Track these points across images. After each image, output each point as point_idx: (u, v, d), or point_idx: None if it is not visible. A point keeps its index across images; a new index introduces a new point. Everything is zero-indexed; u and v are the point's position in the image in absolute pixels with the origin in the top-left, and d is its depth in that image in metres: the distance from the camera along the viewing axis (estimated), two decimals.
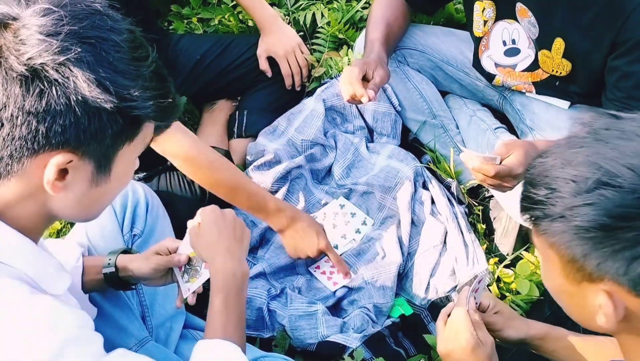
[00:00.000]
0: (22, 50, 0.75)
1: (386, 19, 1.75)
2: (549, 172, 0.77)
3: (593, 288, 0.76)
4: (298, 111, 1.86)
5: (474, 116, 1.91)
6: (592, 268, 0.74)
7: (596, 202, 0.71)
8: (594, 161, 0.73)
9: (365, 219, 1.76)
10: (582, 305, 0.80)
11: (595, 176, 0.72)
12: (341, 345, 1.49)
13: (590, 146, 0.75)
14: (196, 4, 2.19)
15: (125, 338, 1.26)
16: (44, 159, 0.79)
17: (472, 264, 1.64)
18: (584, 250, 0.73)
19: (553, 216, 0.75)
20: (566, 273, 0.78)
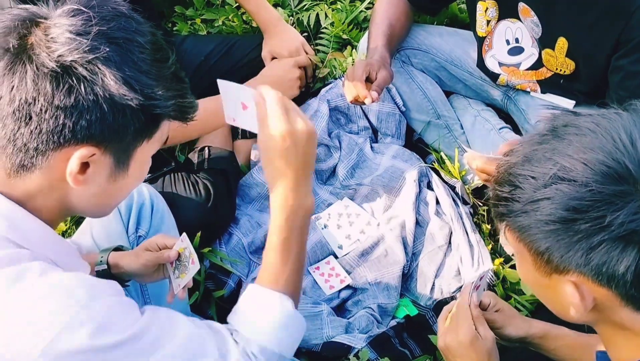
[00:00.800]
0: (53, 48, 0.78)
1: (389, 19, 1.75)
2: (512, 170, 0.79)
3: (562, 279, 0.78)
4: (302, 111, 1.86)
5: (478, 116, 1.90)
6: (558, 260, 0.76)
7: (553, 196, 0.74)
8: (550, 157, 0.76)
9: (370, 219, 1.76)
10: (556, 297, 0.82)
11: (552, 171, 0.75)
12: (346, 345, 1.49)
13: (549, 142, 0.78)
14: (200, 5, 2.20)
15: None
16: (68, 153, 0.82)
17: (478, 264, 1.64)
18: (547, 242, 0.76)
19: (517, 212, 0.78)
20: (537, 266, 0.80)
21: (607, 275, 0.73)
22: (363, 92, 1.54)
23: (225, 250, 1.67)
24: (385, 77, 1.61)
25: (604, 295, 0.76)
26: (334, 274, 1.69)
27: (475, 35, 1.74)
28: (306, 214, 0.99)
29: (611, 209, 0.71)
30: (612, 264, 0.72)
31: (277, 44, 1.91)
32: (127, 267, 1.22)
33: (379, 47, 1.70)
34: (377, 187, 1.77)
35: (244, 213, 1.76)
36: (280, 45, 1.91)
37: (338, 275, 1.69)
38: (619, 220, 0.70)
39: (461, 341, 1.08)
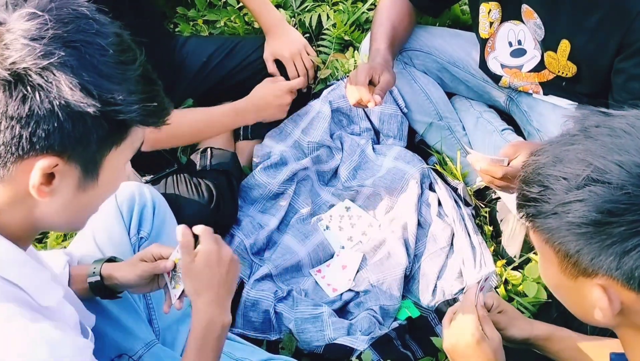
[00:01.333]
0: (5, 55, 0.75)
1: (391, 20, 1.75)
2: (542, 170, 0.78)
3: (589, 282, 0.77)
4: (304, 113, 1.86)
5: (480, 118, 1.90)
6: (586, 263, 0.75)
7: (586, 198, 0.73)
8: (583, 158, 0.74)
9: (372, 221, 1.76)
10: (580, 300, 0.81)
11: (585, 173, 0.73)
12: (349, 347, 1.49)
13: (580, 143, 0.76)
14: (202, 6, 2.20)
15: (133, 341, 1.26)
16: (30, 164, 0.79)
17: (480, 266, 1.64)
18: (577, 245, 0.75)
19: (546, 213, 0.77)
20: (562, 268, 0.79)
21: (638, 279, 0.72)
22: (366, 96, 1.54)
23: None
24: (388, 80, 1.60)
25: (632, 299, 0.75)
26: (336, 277, 1.69)
27: (477, 37, 1.74)
28: (223, 328, 1.08)
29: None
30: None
31: (279, 46, 1.91)
32: (122, 278, 1.19)
33: (382, 49, 1.69)
34: (379, 188, 1.77)
35: (246, 214, 1.76)
36: (282, 47, 1.91)
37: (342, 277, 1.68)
38: None
39: (468, 341, 1.07)
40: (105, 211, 1.34)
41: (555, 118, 1.72)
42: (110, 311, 1.27)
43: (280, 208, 1.77)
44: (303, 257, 1.71)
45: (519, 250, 1.71)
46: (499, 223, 1.77)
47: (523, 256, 1.68)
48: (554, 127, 1.71)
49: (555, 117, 1.72)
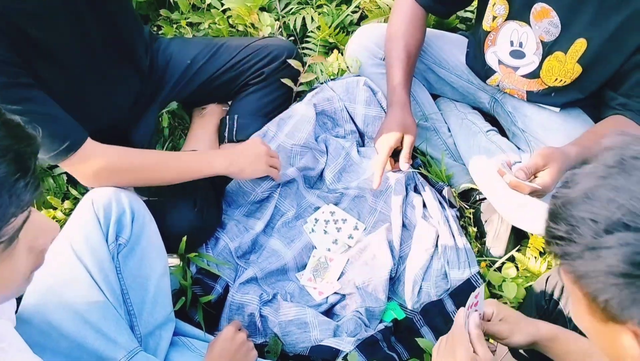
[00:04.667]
0: None
1: (405, 39, 1.72)
2: (570, 208, 0.71)
3: (619, 328, 0.71)
4: (288, 116, 1.86)
5: (465, 119, 1.91)
6: (617, 312, 0.70)
7: (614, 246, 0.66)
8: (614, 198, 0.67)
9: (357, 224, 1.76)
10: (611, 344, 0.75)
11: (615, 216, 0.67)
12: (334, 348, 1.49)
13: (614, 178, 0.69)
14: (185, 9, 2.19)
15: (115, 349, 1.25)
16: None
17: (464, 267, 1.64)
18: (607, 295, 0.69)
19: (573, 255, 0.71)
20: (592, 310, 0.74)
21: None
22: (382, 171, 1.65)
23: (212, 255, 1.66)
24: (410, 142, 1.65)
25: None
26: (322, 280, 1.68)
27: (478, 29, 1.72)
28: None
29: None
30: None
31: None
32: None
33: (397, 88, 1.69)
34: (363, 191, 1.77)
35: (231, 217, 1.75)
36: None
37: (327, 281, 1.68)
38: None
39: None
40: (82, 218, 1.34)
41: (540, 119, 1.73)
42: (90, 319, 1.25)
43: (266, 211, 1.77)
44: (288, 260, 1.70)
45: (504, 250, 1.72)
46: (483, 224, 1.77)
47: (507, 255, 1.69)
48: (538, 128, 1.72)
49: (540, 117, 1.73)
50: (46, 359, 1.00)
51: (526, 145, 1.74)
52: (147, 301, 1.35)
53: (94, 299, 1.26)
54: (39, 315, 1.25)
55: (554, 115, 1.71)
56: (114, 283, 1.31)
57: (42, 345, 1.23)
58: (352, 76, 1.90)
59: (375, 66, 1.90)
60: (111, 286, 1.30)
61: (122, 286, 1.33)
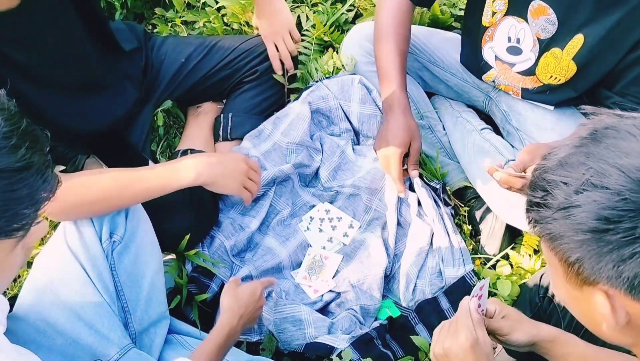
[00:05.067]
0: None
1: (395, 40, 1.70)
2: (545, 175, 0.76)
3: (593, 290, 0.74)
4: (284, 115, 1.86)
5: (459, 117, 1.91)
6: (588, 271, 0.72)
7: (584, 204, 0.70)
8: (584, 162, 0.72)
9: (352, 222, 1.76)
10: (587, 310, 0.78)
11: (584, 177, 0.70)
12: (329, 345, 1.49)
13: (586, 146, 0.73)
14: (180, 7, 2.18)
15: (107, 345, 1.25)
16: None
17: (459, 265, 1.65)
18: (577, 253, 0.72)
19: (547, 219, 0.74)
20: (568, 277, 0.76)
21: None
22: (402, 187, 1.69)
23: (207, 253, 1.66)
24: (417, 148, 1.66)
25: (638, 310, 0.72)
26: (317, 278, 1.68)
27: (474, 24, 1.71)
28: (234, 342, 1.35)
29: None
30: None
31: (264, 27, 1.91)
32: None
33: (397, 91, 1.66)
34: (359, 189, 1.77)
35: (226, 216, 1.75)
36: (265, 29, 1.90)
37: (322, 279, 1.68)
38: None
39: (462, 344, 1.05)
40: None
41: (534, 117, 1.73)
42: (84, 316, 1.26)
43: (261, 210, 1.77)
44: (284, 258, 1.71)
45: (499, 248, 1.72)
46: (477, 222, 1.78)
47: (501, 252, 1.70)
48: (533, 127, 1.73)
49: (534, 116, 1.73)
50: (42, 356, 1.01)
51: (520, 143, 1.74)
52: (142, 298, 1.35)
53: (88, 296, 1.27)
54: (34, 312, 1.26)
55: (548, 113, 1.72)
56: (107, 280, 1.31)
57: (38, 342, 1.23)
58: (347, 74, 1.90)
59: (370, 64, 1.90)
60: (105, 283, 1.31)
61: (116, 283, 1.33)
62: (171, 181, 1.43)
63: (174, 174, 1.44)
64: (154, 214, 1.47)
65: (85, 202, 1.34)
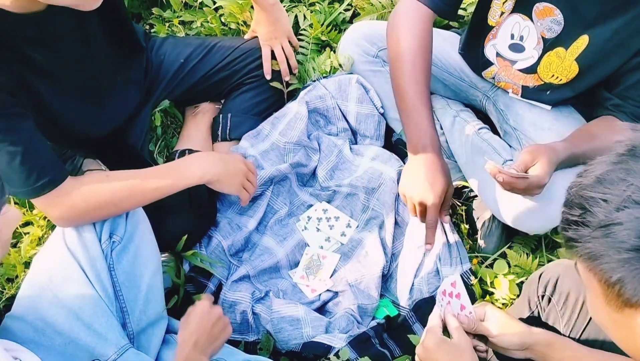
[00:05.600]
0: None
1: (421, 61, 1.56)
2: (583, 192, 0.74)
3: (634, 312, 0.72)
4: (282, 115, 1.86)
5: (457, 117, 1.91)
6: (631, 292, 0.70)
7: (625, 222, 0.68)
8: (624, 178, 0.70)
9: (349, 221, 1.77)
10: (629, 335, 0.75)
11: (625, 194, 0.69)
12: (326, 345, 1.49)
13: (625, 163, 0.72)
14: (177, 7, 2.19)
15: (105, 345, 1.26)
16: None
17: (456, 264, 1.65)
18: (619, 273, 0.70)
19: (586, 237, 0.72)
20: (607, 299, 0.74)
21: None
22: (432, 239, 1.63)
23: (205, 253, 1.66)
24: (451, 193, 1.56)
25: None
26: (314, 278, 1.69)
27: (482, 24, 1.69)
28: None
29: None
30: None
31: (262, 33, 1.92)
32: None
33: (429, 129, 1.52)
34: (356, 188, 1.78)
35: (224, 215, 1.75)
36: (264, 34, 1.91)
37: (320, 279, 1.69)
38: None
39: (426, 345, 1.12)
40: None
41: (531, 117, 1.73)
42: (82, 315, 1.26)
43: (258, 209, 1.77)
44: (281, 258, 1.71)
45: (496, 247, 1.73)
46: (475, 221, 1.78)
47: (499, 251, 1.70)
48: (530, 126, 1.73)
49: (531, 116, 1.74)
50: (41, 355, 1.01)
51: (517, 143, 1.75)
52: (140, 298, 1.36)
53: (87, 296, 1.27)
54: (33, 311, 1.26)
55: (546, 113, 1.72)
56: (105, 281, 1.32)
57: (37, 341, 1.24)
58: (344, 74, 1.91)
59: (367, 64, 1.90)
60: (103, 283, 1.31)
61: (114, 284, 1.34)
62: (179, 180, 1.46)
63: (181, 172, 1.47)
64: (153, 215, 1.48)
65: (94, 207, 1.35)
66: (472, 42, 1.77)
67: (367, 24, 1.95)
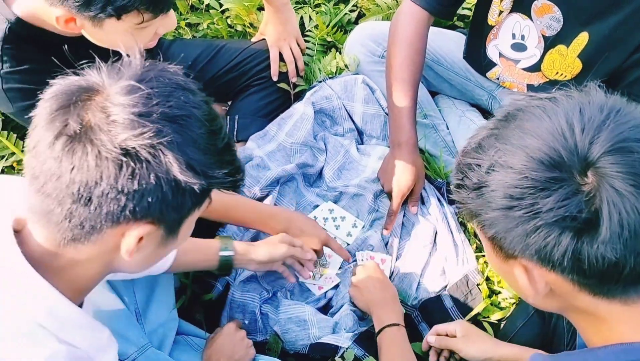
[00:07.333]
0: (114, 131, 0.75)
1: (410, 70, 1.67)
2: (464, 158, 0.80)
3: (514, 264, 0.79)
4: (288, 116, 1.87)
5: (463, 116, 1.92)
6: (506, 246, 0.77)
7: (492, 183, 0.75)
8: (493, 144, 0.76)
9: (356, 221, 1.77)
10: (515, 283, 0.82)
11: (493, 159, 0.75)
12: (333, 345, 1.50)
13: (498, 129, 0.78)
14: (184, 9, 2.20)
15: (126, 345, 1.28)
16: (124, 228, 0.81)
17: (462, 263, 1.66)
18: (492, 230, 0.77)
19: (465, 199, 0.79)
20: (494, 251, 0.81)
21: (548, 261, 0.74)
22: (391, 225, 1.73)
23: None
24: (419, 188, 1.71)
25: (556, 280, 0.76)
26: (322, 275, 1.70)
27: (478, 23, 1.71)
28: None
29: (541, 196, 0.71)
30: (548, 250, 0.73)
31: (271, 33, 1.94)
32: (256, 256, 1.46)
33: (407, 127, 1.66)
34: (363, 188, 1.78)
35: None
36: (272, 35, 1.93)
37: (326, 277, 1.69)
38: (548, 206, 0.70)
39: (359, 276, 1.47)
40: None
41: None
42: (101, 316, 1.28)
43: None
44: None
45: None
46: None
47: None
48: None
49: None
50: None
51: None
52: (152, 299, 1.37)
53: (106, 297, 1.29)
54: None
55: None
56: (120, 282, 1.33)
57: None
58: (350, 74, 1.91)
59: (373, 64, 1.91)
60: (120, 283, 1.33)
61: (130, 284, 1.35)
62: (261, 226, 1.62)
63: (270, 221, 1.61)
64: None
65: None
66: (474, 43, 1.77)
67: (373, 25, 1.96)
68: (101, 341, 0.94)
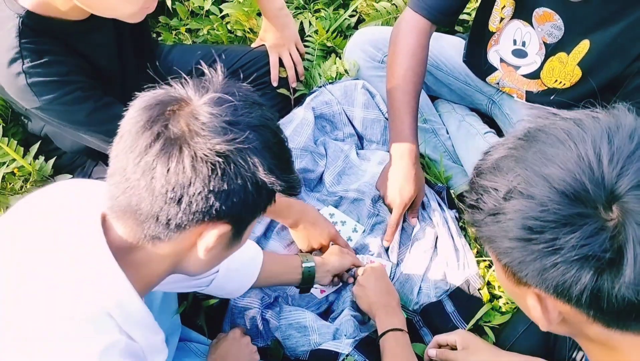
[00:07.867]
0: (209, 136, 0.82)
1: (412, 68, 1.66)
2: (480, 178, 0.77)
3: (526, 290, 0.76)
4: (289, 121, 1.87)
5: (463, 121, 1.93)
6: (519, 275, 0.74)
7: (511, 212, 0.71)
8: (513, 168, 0.72)
9: (356, 226, 1.78)
10: (526, 308, 0.80)
11: (512, 184, 0.71)
12: (333, 352, 1.50)
13: (518, 149, 0.74)
14: (184, 15, 2.20)
15: None
16: (203, 228, 0.87)
17: (463, 268, 1.66)
18: (506, 258, 0.74)
19: (480, 222, 0.76)
20: (506, 274, 0.79)
21: (565, 295, 0.71)
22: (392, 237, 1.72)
23: None
24: (420, 200, 1.70)
25: (569, 311, 0.74)
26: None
27: (483, 30, 1.71)
28: None
29: (564, 232, 0.67)
30: (566, 286, 0.69)
31: (270, 39, 1.95)
32: (331, 266, 1.56)
33: (409, 138, 1.65)
34: (363, 193, 1.79)
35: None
36: (271, 40, 1.94)
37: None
38: (570, 243, 0.66)
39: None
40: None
41: None
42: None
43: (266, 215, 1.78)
44: None
45: None
46: None
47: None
48: None
49: None
50: None
51: None
52: (155, 306, 1.37)
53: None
54: None
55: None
56: None
57: None
58: (350, 79, 1.92)
59: (373, 69, 1.92)
60: None
61: None
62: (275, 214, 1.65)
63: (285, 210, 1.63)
64: None
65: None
66: (475, 48, 1.78)
67: (373, 30, 1.96)
68: (156, 343, 0.97)
